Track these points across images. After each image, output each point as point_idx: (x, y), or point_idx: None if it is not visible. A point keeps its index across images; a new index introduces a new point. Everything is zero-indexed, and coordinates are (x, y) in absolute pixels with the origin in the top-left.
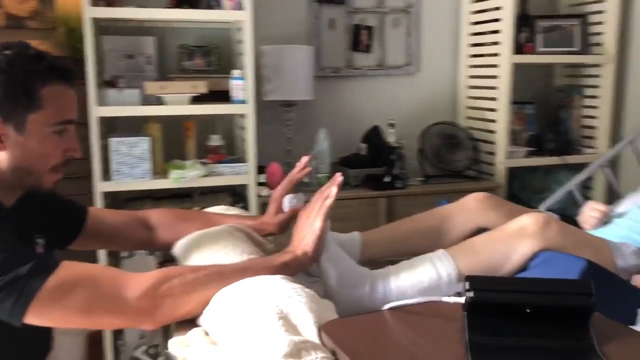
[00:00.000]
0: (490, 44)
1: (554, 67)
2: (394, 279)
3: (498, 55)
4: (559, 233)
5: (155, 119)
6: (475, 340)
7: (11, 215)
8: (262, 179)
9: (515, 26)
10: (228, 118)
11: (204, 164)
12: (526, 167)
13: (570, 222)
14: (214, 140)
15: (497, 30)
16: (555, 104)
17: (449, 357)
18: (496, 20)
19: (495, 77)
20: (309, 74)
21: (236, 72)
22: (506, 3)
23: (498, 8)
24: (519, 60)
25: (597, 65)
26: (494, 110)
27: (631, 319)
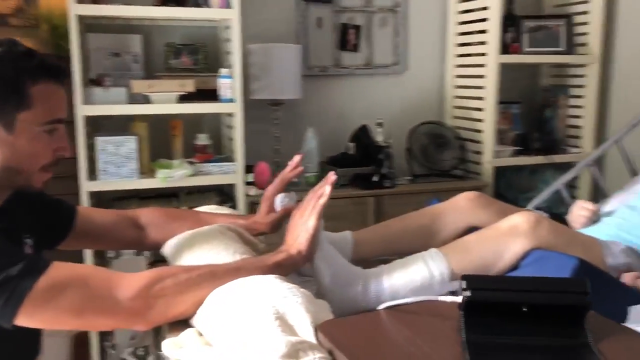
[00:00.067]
0: (477, 44)
1: (539, 67)
2: (387, 278)
3: (485, 55)
4: (550, 232)
5: (142, 118)
6: (472, 339)
7: None
8: (250, 178)
9: (502, 26)
10: (215, 117)
11: (192, 163)
12: (512, 167)
13: (560, 221)
14: (201, 139)
15: (484, 30)
16: (540, 103)
17: (446, 356)
18: (483, 20)
19: (482, 77)
20: (296, 72)
21: (224, 71)
22: (493, 3)
23: (485, 8)
24: (506, 60)
25: (582, 65)
26: (481, 109)
27: (622, 317)
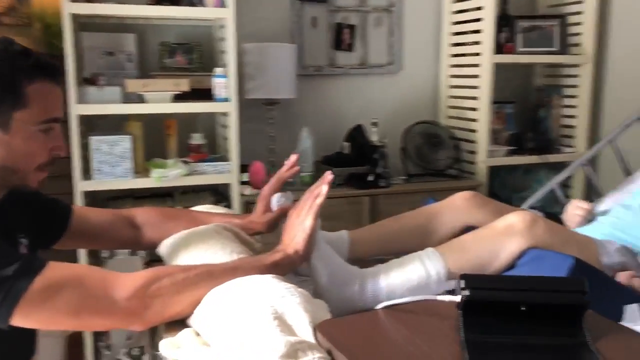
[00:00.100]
0: (472, 44)
1: (533, 67)
2: (384, 277)
3: (479, 54)
4: (546, 231)
5: (136, 117)
6: (471, 338)
7: None
8: (245, 177)
9: (496, 26)
10: (210, 116)
11: (186, 162)
12: (506, 166)
13: (555, 220)
14: (196, 138)
15: (478, 30)
16: (534, 103)
17: (445, 356)
18: (477, 20)
19: (476, 77)
20: (291, 72)
21: (218, 70)
22: (487, 3)
23: (479, 8)
24: (500, 60)
25: (576, 65)
26: (475, 109)
27: (617, 316)
